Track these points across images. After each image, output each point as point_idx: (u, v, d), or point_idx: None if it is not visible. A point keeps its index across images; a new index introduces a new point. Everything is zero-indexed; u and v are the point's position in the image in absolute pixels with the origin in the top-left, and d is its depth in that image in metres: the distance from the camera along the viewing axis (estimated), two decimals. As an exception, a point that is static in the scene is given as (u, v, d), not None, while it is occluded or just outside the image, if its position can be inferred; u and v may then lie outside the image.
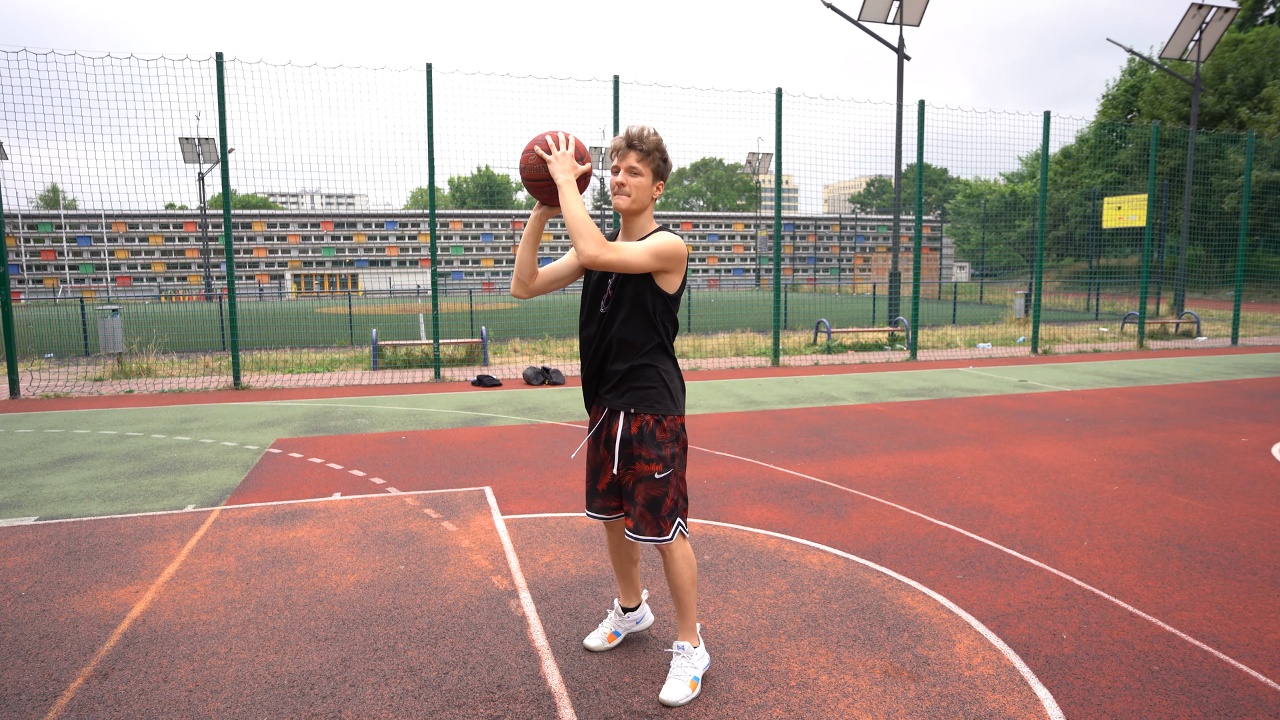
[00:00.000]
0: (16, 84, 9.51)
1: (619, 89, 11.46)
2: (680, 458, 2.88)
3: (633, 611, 3.25)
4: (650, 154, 2.73)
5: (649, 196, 2.77)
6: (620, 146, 2.73)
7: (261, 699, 2.85)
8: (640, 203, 2.76)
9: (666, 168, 2.79)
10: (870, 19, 16.49)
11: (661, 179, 2.78)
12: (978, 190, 54.19)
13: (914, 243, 12.06)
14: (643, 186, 2.75)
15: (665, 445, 2.81)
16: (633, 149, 2.71)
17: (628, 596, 3.23)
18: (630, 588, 3.21)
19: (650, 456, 2.80)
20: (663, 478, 2.81)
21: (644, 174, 2.74)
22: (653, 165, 2.74)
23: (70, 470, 6.06)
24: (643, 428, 2.80)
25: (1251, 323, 20.26)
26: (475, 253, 70.08)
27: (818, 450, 6.60)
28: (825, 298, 33.96)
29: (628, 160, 2.73)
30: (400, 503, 5.20)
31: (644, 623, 3.29)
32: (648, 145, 2.72)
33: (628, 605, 3.24)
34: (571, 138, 2.73)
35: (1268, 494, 5.33)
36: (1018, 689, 2.89)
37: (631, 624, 3.25)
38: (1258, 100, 36.62)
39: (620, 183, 2.74)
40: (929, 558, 4.18)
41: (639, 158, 2.72)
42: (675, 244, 2.72)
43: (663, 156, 2.76)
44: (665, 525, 2.82)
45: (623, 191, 2.74)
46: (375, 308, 33.35)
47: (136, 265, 62.90)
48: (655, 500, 2.81)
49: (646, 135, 2.72)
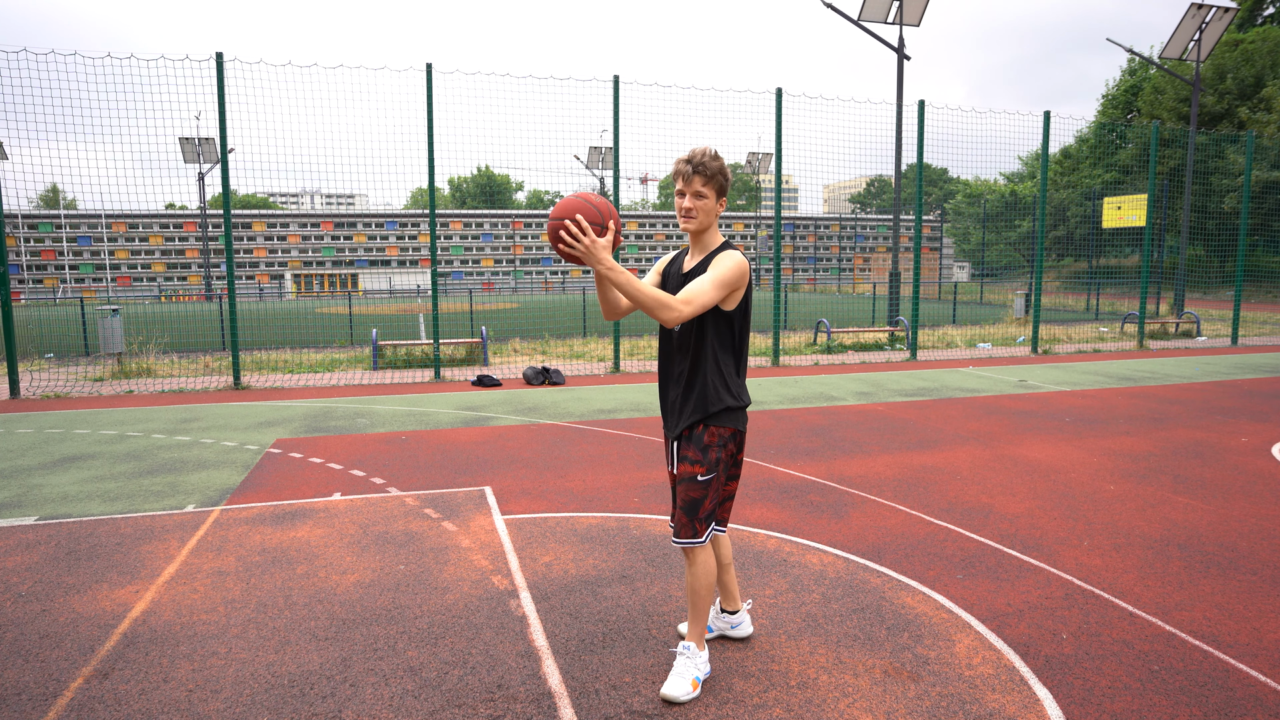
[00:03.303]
0: (16, 84, 9.52)
1: (619, 89, 11.46)
2: (726, 464, 2.91)
3: (731, 615, 3.25)
4: (714, 177, 2.79)
5: (714, 216, 2.86)
6: (685, 172, 2.78)
7: (261, 699, 2.85)
8: (707, 223, 2.85)
9: (729, 184, 2.86)
10: (870, 19, 16.49)
11: (724, 196, 2.86)
12: (978, 190, 54.20)
13: (914, 243, 12.06)
14: (709, 209, 2.83)
15: (712, 449, 2.85)
16: (698, 174, 2.77)
17: (725, 600, 3.25)
18: (725, 592, 3.23)
19: (695, 458, 2.84)
20: (705, 480, 2.84)
21: (709, 196, 2.81)
22: (716, 186, 2.81)
23: (70, 470, 6.06)
24: (693, 429, 2.87)
25: (1251, 323, 20.26)
26: (475, 253, 70.10)
27: (818, 450, 6.60)
28: (825, 298, 33.97)
29: (693, 185, 2.78)
30: (400, 503, 5.20)
31: (739, 629, 3.27)
32: (711, 170, 2.78)
33: (726, 608, 3.25)
34: (582, 216, 2.58)
35: (1268, 494, 5.33)
36: (1018, 689, 2.89)
37: (726, 626, 3.26)
38: (1258, 100, 36.62)
39: (688, 208, 2.81)
40: (929, 558, 4.18)
41: (703, 182, 2.78)
42: (739, 268, 2.78)
43: (725, 176, 2.82)
44: (700, 528, 2.85)
45: (690, 216, 2.82)
46: (375, 308, 33.35)
47: (136, 265, 62.91)
48: (694, 503, 2.84)
49: (709, 159, 2.78)
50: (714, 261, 2.81)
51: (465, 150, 15.50)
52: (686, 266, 2.92)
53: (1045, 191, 14.00)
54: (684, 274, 2.91)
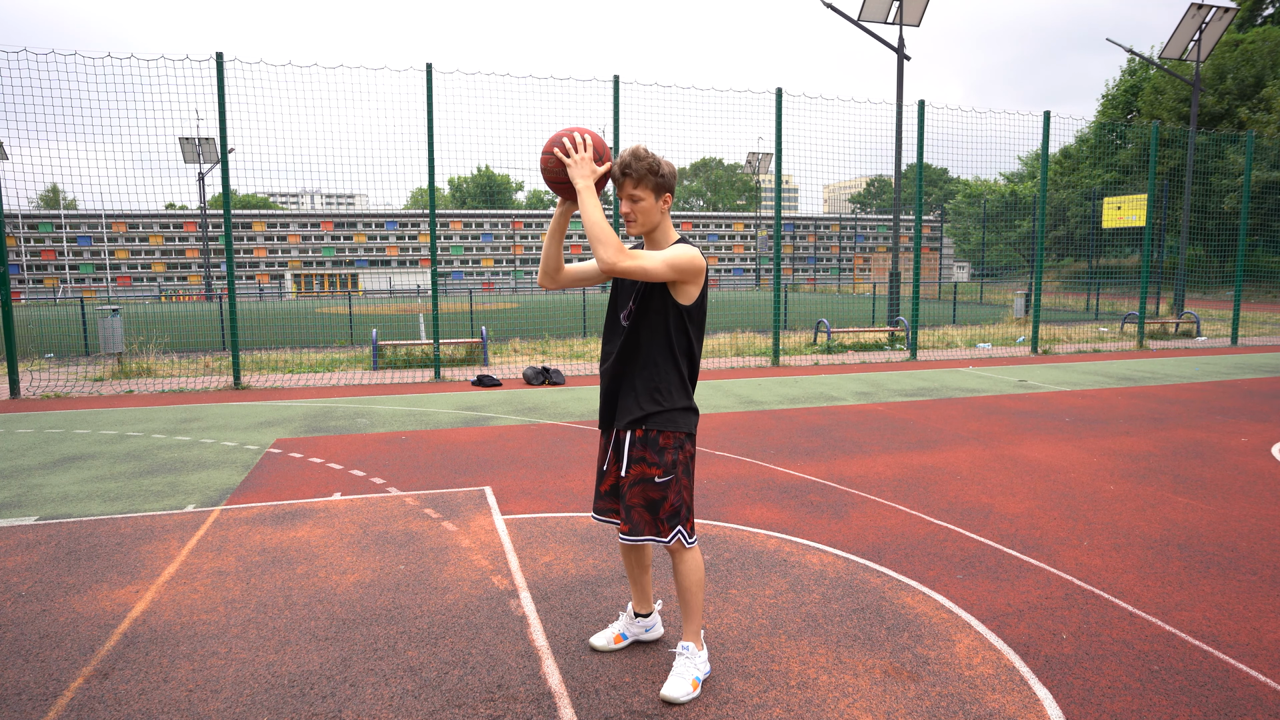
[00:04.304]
0: (16, 84, 9.52)
1: (619, 89, 11.46)
2: (684, 465, 2.88)
3: (644, 618, 3.24)
4: (644, 177, 2.73)
5: (657, 214, 2.80)
6: (616, 175, 2.75)
7: (261, 699, 2.85)
8: (649, 224, 2.81)
9: (667, 180, 2.77)
10: (870, 19, 16.49)
11: (666, 192, 2.78)
12: (978, 190, 54.19)
13: (914, 243, 12.06)
14: (647, 209, 2.78)
15: (668, 451, 2.83)
16: (627, 177, 2.73)
17: (640, 602, 3.23)
18: (642, 594, 3.21)
19: (652, 460, 2.82)
20: (663, 482, 2.82)
21: (644, 197, 2.76)
22: (651, 186, 2.75)
23: (70, 470, 6.06)
24: (647, 433, 2.83)
25: (1251, 323, 20.26)
26: (475, 253, 70.08)
27: (818, 450, 6.60)
28: (825, 298, 33.96)
29: (625, 189, 2.75)
30: (400, 503, 5.20)
31: (653, 632, 3.27)
32: (639, 170, 2.72)
33: (640, 611, 3.24)
34: (590, 137, 2.72)
35: (1268, 494, 5.33)
36: (1018, 689, 2.89)
37: (641, 630, 3.24)
38: (1258, 100, 36.62)
39: (625, 212, 2.78)
40: (929, 558, 4.18)
41: (634, 184, 2.73)
42: (693, 257, 2.73)
43: (658, 173, 2.74)
44: (664, 528, 2.83)
45: (630, 219, 2.79)
46: (375, 308, 33.35)
47: (136, 265, 62.89)
48: (654, 503, 2.82)
49: (635, 159, 2.72)
50: (670, 247, 2.77)
51: (465, 150, 15.47)
52: None
53: (1045, 191, 14.00)
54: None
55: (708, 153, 76.93)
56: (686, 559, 2.88)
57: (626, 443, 2.85)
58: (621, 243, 2.66)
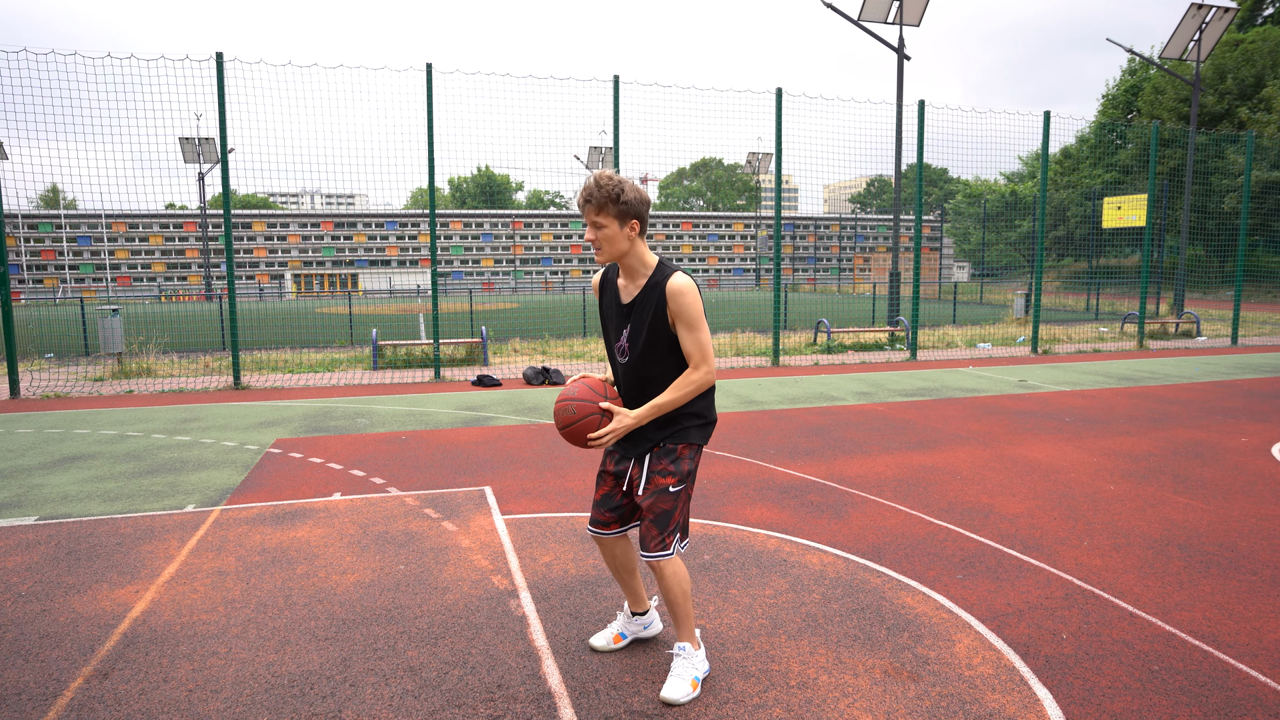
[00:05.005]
0: (16, 84, 9.52)
1: (619, 89, 11.46)
2: (693, 476, 2.91)
3: (641, 616, 3.25)
4: (605, 204, 2.68)
5: (624, 241, 2.75)
6: (581, 204, 2.73)
7: (261, 699, 2.85)
8: (616, 251, 2.77)
9: (632, 206, 2.71)
10: (870, 19, 16.49)
11: (633, 217, 2.72)
12: (978, 190, 54.21)
13: (914, 243, 12.06)
14: (611, 237, 2.73)
15: (684, 460, 2.86)
16: (589, 204, 2.69)
17: (634, 602, 3.24)
18: (634, 595, 3.22)
19: (667, 469, 2.84)
20: (675, 492, 2.84)
21: (607, 224, 2.71)
22: (614, 213, 2.70)
23: (70, 470, 6.06)
24: (664, 444, 2.86)
25: (1251, 323, 20.26)
26: (475, 253, 70.07)
27: (818, 450, 6.60)
28: (825, 298, 33.96)
29: (589, 216, 2.72)
30: (400, 503, 5.20)
31: (652, 628, 3.28)
32: (600, 198, 2.67)
33: (636, 610, 3.25)
34: (589, 392, 2.82)
35: (1268, 494, 5.33)
36: (1018, 689, 2.89)
37: (639, 628, 3.26)
38: (1258, 100, 36.63)
39: (591, 239, 2.76)
40: (929, 558, 4.18)
41: (596, 211, 2.69)
42: (699, 305, 2.75)
43: (620, 200, 2.68)
44: (668, 541, 2.84)
45: (596, 246, 2.76)
46: (375, 308, 33.36)
47: (136, 265, 62.89)
48: (665, 514, 2.83)
49: (597, 186, 2.68)
50: (679, 308, 2.72)
51: (465, 150, 15.51)
52: (625, 297, 2.84)
53: (1045, 191, 14.00)
54: (626, 305, 2.84)
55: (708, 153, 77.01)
56: (668, 572, 2.85)
57: (646, 462, 2.89)
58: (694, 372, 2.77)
